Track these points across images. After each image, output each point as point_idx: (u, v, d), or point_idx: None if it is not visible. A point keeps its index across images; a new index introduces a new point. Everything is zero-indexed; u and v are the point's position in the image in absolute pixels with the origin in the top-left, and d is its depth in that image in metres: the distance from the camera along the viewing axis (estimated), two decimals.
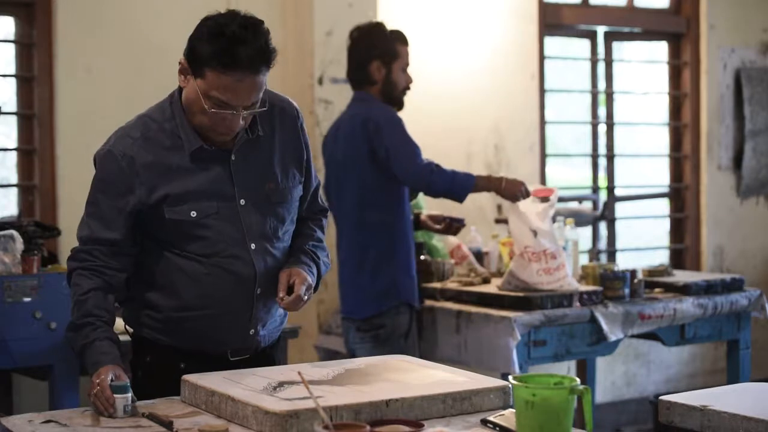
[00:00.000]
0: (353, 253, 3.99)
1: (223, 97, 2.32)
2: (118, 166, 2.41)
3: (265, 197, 2.49)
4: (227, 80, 2.30)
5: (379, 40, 4.02)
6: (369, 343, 3.96)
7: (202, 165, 2.43)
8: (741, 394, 2.40)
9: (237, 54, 2.29)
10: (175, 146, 2.42)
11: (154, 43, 4.71)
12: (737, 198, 6.40)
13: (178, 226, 2.42)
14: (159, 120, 2.45)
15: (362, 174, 3.92)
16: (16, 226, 3.96)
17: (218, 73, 2.30)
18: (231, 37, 2.29)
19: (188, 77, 2.39)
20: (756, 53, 6.42)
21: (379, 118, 3.91)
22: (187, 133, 2.42)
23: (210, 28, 2.34)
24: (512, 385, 1.91)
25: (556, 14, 5.87)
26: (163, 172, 2.41)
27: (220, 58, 2.29)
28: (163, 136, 2.43)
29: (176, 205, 2.40)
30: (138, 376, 2.51)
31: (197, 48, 2.34)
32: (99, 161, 2.47)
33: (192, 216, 2.41)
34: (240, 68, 2.30)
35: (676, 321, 4.24)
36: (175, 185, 2.40)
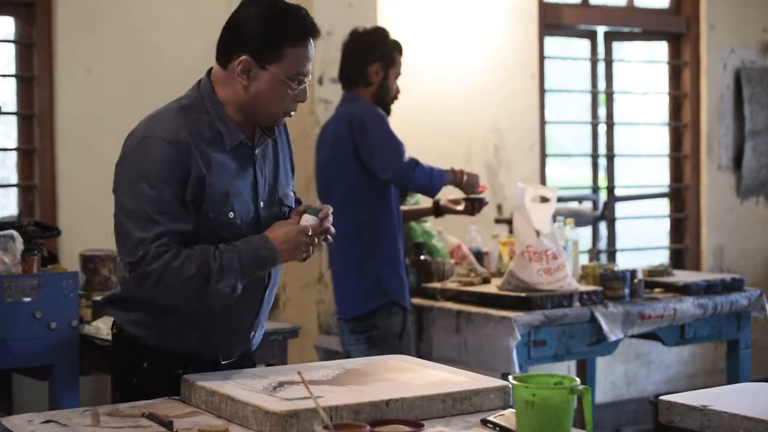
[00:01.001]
0: (342, 252, 4.02)
1: (303, 70, 2.37)
2: (175, 152, 2.29)
3: (278, 200, 2.50)
4: (303, 52, 2.36)
5: (382, 44, 4.07)
6: (363, 344, 3.97)
7: (237, 163, 2.40)
8: (741, 394, 2.40)
9: (303, 23, 2.36)
10: (215, 139, 2.37)
11: (154, 43, 4.71)
12: (737, 198, 6.40)
13: (214, 225, 2.35)
14: (197, 110, 2.38)
15: (348, 173, 3.95)
16: (16, 226, 3.96)
17: (297, 47, 2.34)
18: (290, 11, 2.35)
19: (253, 72, 2.35)
20: (756, 53, 6.42)
21: (364, 115, 3.94)
22: (228, 127, 2.38)
23: (268, 12, 2.35)
24: (512, 385, 1.91)
25: (556, 14, 5.88)
26: (212, 166, 2.34)
27: (296, 31, 2.34)
28: (203, 126, 2.37)
29: (219, 205, 2.35)
30: (133, 382, 2.45)
31: (264, 33, 2.33)
32: (146, 151, 2.30)
33: (230, 216, 2.37)
34: (309, 35, 2.37)
35: (676, 321, 4.24)
36: (221, 183, 2.35)
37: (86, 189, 4.56)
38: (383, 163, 3.92)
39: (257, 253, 2.33)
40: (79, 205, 4.54)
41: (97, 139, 4.58)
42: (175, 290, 2.29)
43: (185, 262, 2.27)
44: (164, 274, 2.27)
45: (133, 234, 2.28)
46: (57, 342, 3.74)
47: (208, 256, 2.29)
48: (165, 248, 2.27)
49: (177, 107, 2.39)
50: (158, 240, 2.27)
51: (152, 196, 2.27)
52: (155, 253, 2.26)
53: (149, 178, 2.28)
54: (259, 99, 2.37)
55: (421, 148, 4.94)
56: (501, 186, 5.59)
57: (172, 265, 2.26)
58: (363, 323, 3.98)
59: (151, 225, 2.27)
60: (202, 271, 2.28)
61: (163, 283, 2.27)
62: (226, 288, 2.31)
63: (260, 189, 2.44)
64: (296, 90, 2.38)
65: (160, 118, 2.36)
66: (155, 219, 2.27)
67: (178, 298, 2.33)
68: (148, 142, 2.31)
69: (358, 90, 4.06)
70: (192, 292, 2.30)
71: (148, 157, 2.30)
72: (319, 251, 4.60)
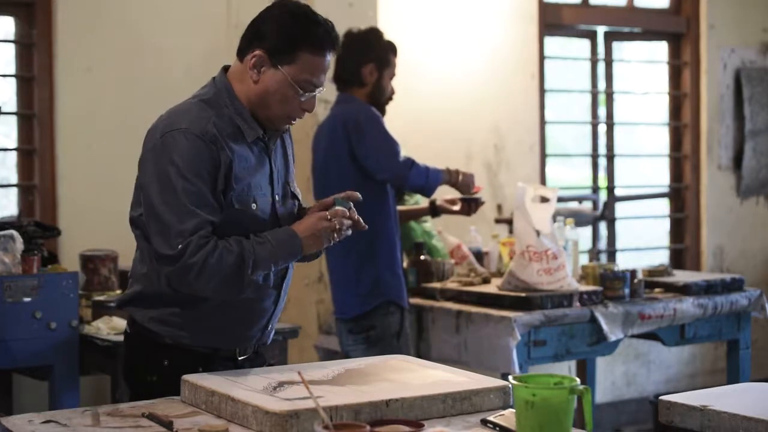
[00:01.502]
0: (339, 253, 4.02)
1: (313, 79, 2.39)
2: (205, 144, 2.32)
3: (291, 193, 2.55)
4: (317, 60, 2.38)
5: (376, 45, 4.07)
6: (362, 345, 3.98)
7: (257, 157, 2.44)
8: (741, 394, 2.40)
9: (324, 34, 2.38)
10: (235, 134, 2.40)
11: (154, 43, 4.71)
12: (737, 198, 6.40)
13: (238, 217, 2.38)
14: (216, 105, 2.41)
15: (344, 173, 3.95)
16: (16, 226, 3.96)
17: (312, 55, 2.37)
18: (313, 19, 2.38)
19: (264, 69, 2.39)
20: (756, 53, 6.42)
21: (360, 115, 3.95)
22: (247, 122, 2.42)
23: (293, 14, 2.38)
24: (512, 385, 1.91)
25: (556, 14, 5.88)
26: (237, 158, 2.38)
27: (314, 39, 2.36)
28: (224, 121, 2.40)
29: (242, 195, 2.38)
30: (152, 380, 2.46)
31: (283, 33, 2.36)
32: (177, 144, 2.31)
33: (253, 208, 2.40)
34: (328, 47, 2.39)
35: (676, 321, 4.24)
36: (242, 174, 2.38)
37: (86, 189, 4.56)
38: (379, 163, 3.93)
39: (286, 243, 2.38)
40: (79, 205, 4.54)
41: (97, 139, 4.58)
42: (215, 281, 2.32)
43: (223, 253, 2.31)
44: (206, 265, 2.29)
45: (172, 226, 2.30)
46: (57, 342, 3.74)
47: (244, 247, 2.33)
48: (205, 240, 2.30)
49: (198, 101, 2.42)
50: (197, 231, 2.29)
51: (186, 187, 2.30)
52: (197, 245, 2.28)
53: (181, 170, 2.30)
54: (265, 97, 2.40)
55: (421, 148, 4.94)
56: (501, 186, 5.59)
57: (214, 255, 2.30)
58: (360, 323, 3.99)
59: (189, 217, 2.29)
60: (240, 262, 2.32)
61: (205, 275, 2.30)
62: (260, 277, 2.39)
63: (275, 183, 2.49)
64: (303, 97, 2.40)
65: (183, 112, 2.38)
66: (192, 211, 2.29)
67: (217, 288, 2.35)
68: (174, 135, 2.32)
69: (352, 90, 4.07)
70: (231, 282, 2.34)
71: (177, 150, 2.31)
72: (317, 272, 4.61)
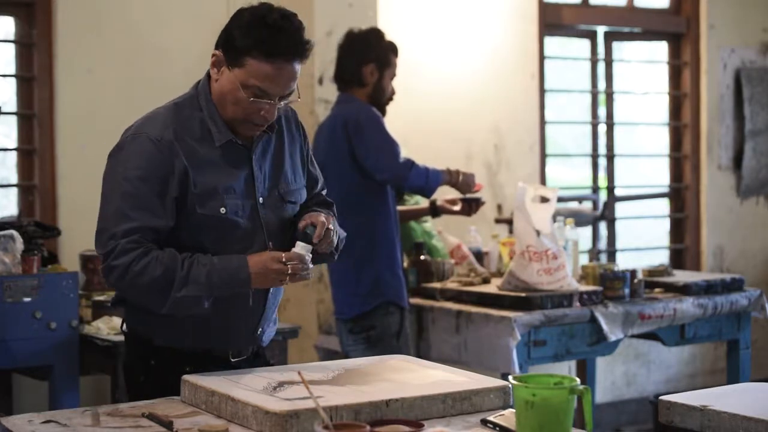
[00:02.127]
0: (339, 253, 4.01)
1: (262, 86, 2.33)
2: (158, 150, 2.33)
3: (279, 196, 2.50)
4: (268, 68, 2.32)
5: (377, 45, 4.07)
6: (361, 345, 3.98)
7: (228, 160, 2.42)
8: (741, 394, 2.40)
9: (279, 41, 2.31)
10: (204, 138, 2.40)
11: (154, 43, 4.71)
12: (737, 198, 6.40)
13: (204, 222, 2.38)
14: (188, 109, 2.42)
15: (344, 174, 3.95)
16: (16, 226, 3.96)
17: (259, 61, 2.32)
18: (273, 26, 2.31)
19: (222, 69, 2.38)
20: (756, 53, 6.42)
21: (360, 116, 3.94)
22: (217, 126, 2.41)
23: (250, 17, 2.34)
24: (512, 385, 1.91)
25: (556, 14, 5.88)
26: (195, 162, 2.37)
27: (263, 45, 2.31)
28: (194, 125, 2.41)
29: (207, 200, 2.37)
30: (140, 380, 2.48)
31: (237, 36, 2.34)
32: (131, 149, 2.35)
33: (221, 212, 2.38)
34: (282, 56, 2.32)
35: (676, 321, 4.24)
36: (208, 179, 2.37)
37: (86, 189, 4.55)
38: (379, 163, 3.92)
39: (231, 273, 2.33)
40: (79, 205, 4.54)
41: (97, 139, 4.56)
42: (138, 289, 2.32)
43: (152, 262, 2.30)
44: (128, 271, 2.30)
45: (107, 227, 2.34)
46: (57, 342, 3.74)
47: (176, 263, 2.31)
48: (134, 245, 2.30)
49: (171, 105, 2.44)
50: (128, 236, 2.31)
51: (127, 191, 2.33)
52: (122, 249, 2.30)
53: (127, 174, 2.33)
54: (221, 97, 2.40)
55: (421, 148, 4.94)
56: (501, 186, 5.59)
57: (139, 263, 2.29)
58: (360, 323, 3.99)
59: (123, 220, 2.32)
60: (168, 276, 2.29)
61: (127, 280, 2.31)
62: (189, 299, 2.31)
63: (258, 185, 2.45)
64: (258, 103, 2.35)
65: (152, 117, 2.42)
66: (128, 215, 2.32)
67: (141, 297, 2.36)
68: (134, 140, 2.36)
69: (353, 91, 4.06)
70: (154, 295, 2.32)
71: (129, 154, 2.35)
72: (317, 272, 4.61)
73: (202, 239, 2.39)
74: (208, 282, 2.31)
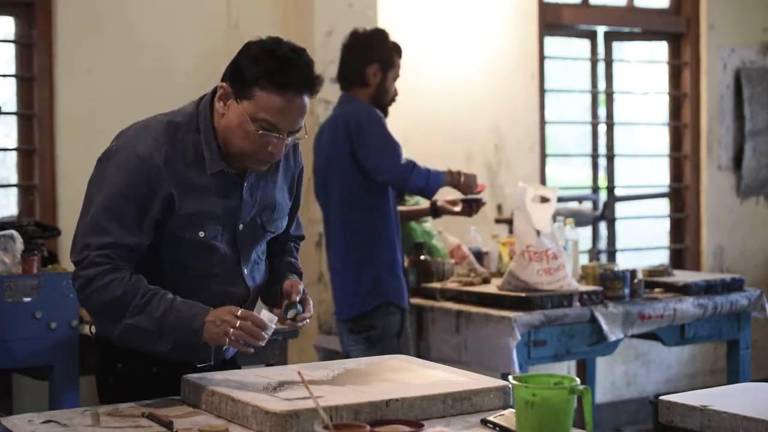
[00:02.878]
0: (339, 253, 4.03)
1: (272, 119, 2.28)
2: (145, 169, 2.30)
3: (261, 225, 2.48)
4: (278, 101, 2.26)
5: (381, 46, 4.07)
6: (362, 344, 3.98)
7: (218, 188, 2.38)
8: (741, 394, 2.40)
9: (290, 73, 2.26)
10: (197, 162, 2.35)
11: (154, 43, 4.71)
12: (737, 198, 6.40)
13: (183, 243, 2.36)
14: (184, 130, 2.36)
15: (345, 174, 3.95)
16: (16, 226, 3.96)
17: (269, 93, 2.26)
18: (283, 58, 2.26)
19: (230, 102, 2.32)
20: (756, 53, 6.42)
21: (361, 116, 3.94)
22: (212, 153, 2.36)
23: (259, 49, 2.29)
24: (512, 385, 1.91)
25: (556, 14, 5.88)
26: (182, 186, 2.33)
27: (273, 77, 2.25)
28: (187, 147, 2.35)
29: (187, 224, 2.34)
30: (109, 382, 2.48)
31: (246, 69, 2.28)
32: (118, 162, 2.32)
33: (200, 236, 2.36)
34: (292, 88, 2.26)
35: (676, 321, 4.24)
36: (190, 203, 2.34)
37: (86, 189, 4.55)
38: (380, 164, 3.92)
39: (187, 318, 2.27)
40: (79, 205, 4.46)
41: (97, 139, 4.52)
42: (95, 303, 2.29)
43: (115, 282, 2.27)
44: (90, 283, 2.27)
45: (82, 236, 2.32)
46: (57, 342, 3.74)
47: (138, 289, 2.27)
48: (104, 260, 2.28)
49: (166, 122, 2.37)
50: (101, 250, 2.28)
51: (107, 205, 2.30)
52: (92, 261, 2.28)
53: (111, 188, 2.30)
54: (228, 131, 2.34)
55: (421, 148, 4.95)
56: (501, 186, 5.59)
57: (103, 278, 2.27)
58: (361, 323, 3.99)
59: (98, 233, 2.29)
60: (125, 299, 2.26)
61: (87, 292, 2.28)
62: (140, 330, 2.27)
63: (244, 213, 2.43)
64: (266, 137, 2.29)
65: (146, 131, 2.36)
66: (103, 228, 2.29)
67: (97, 312, 2.33)
68: (123, 153, 2.32)
69: (355, 91, 4.06)
70: (108, 314, 2.29)
71: (116, 168, 2.31)
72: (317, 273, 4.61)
73: (180, 258, 2.37)
74: (161, 319, 2.26)
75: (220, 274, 2.42)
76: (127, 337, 2.30)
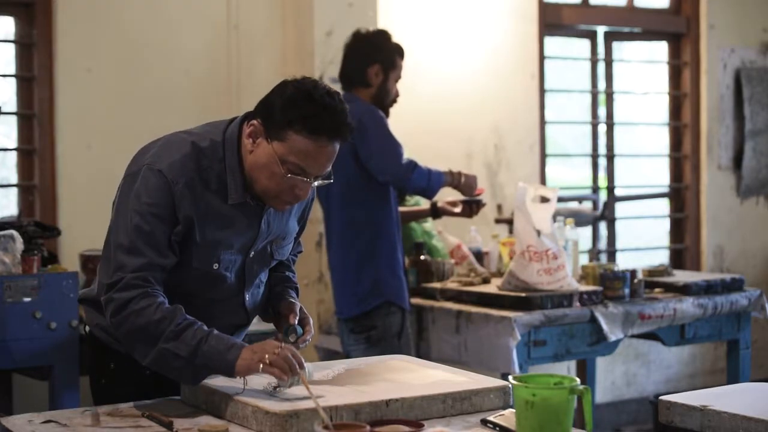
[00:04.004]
0: (340, 252, 4.03)
1: (302, 164, 2.25)
2: (171, 192, 2.27)
3: (270, 252, 2.47)
4: (310, 145, 2.24)
5: (383, 47, 4.07)
6: (363, 344, 3.98)
7: (238, 218, 2.36)
8: (741, 394, 2.40)
9: (324, 119, 2.23)
10: (219, 191, 2.32)
11: (154, 43, 4.71)
12: (737, 198, 6.40)
13: (191, 272, 2.34)
14: (209, 157, 2.32)
15: (347, 173, 3.95)
16: (16, 226, 3.96)
17: (303, 137, 2.23)
18: (320, 102, 2.24)
19: (259, 140, 2.28)
20: (756, 53, 6.42)
21: (363, 116, 3.94)
22: (236, 184, 2.32)
23: (296, 90, 2.26)
24: (512, 385, 1.91)
25: (556, 14, 5.88)
26: (205, 216, 2.31)
27: (308, 122, 2.22)
28: (211, 175, 2.32)
29: (204, 255, 2.33)
30: (102, 383, 2.48)
31: (280, 110, 2.25)
32: (147, 182, 2.28)
33: (214, 268, 2.35)
34: (326, 134, 2.24)
35: (676, 321, 4.24)
36: (208, 231, 2.32)
37: (86, 189, 4.56)
38: (381, 164, 3.93)
39: (223, 349, 2.21)
40: (79, 205, 4.54)
41: (97, 139, 4.58)
42: (130, 327, 2.23)
43: (152, 306, 2.22)
44: (128, 306, 2.23)
45: (117, 258, 2.27)
46: (57, 342, 3.74)
47: (175, 316, 2.23)
48: (140, 282, 2.24)
49: (191, 145, 2.33)
50: (137, 272, 2.24)
51: (141, 226, 2.26)
52: (127, 283, 2.24)
53: (141, 208, 2.26)
54: (255, 168, 2.30)
55: (421, 148, 4.94)
56: (501, 186, 5.59)
57: (140, 302, 2.23)
58: (361, 323, 3.99)
59: (134, 254, 2.25)
60: (161, 325, 2.21)
61: (123, 315, 2.23)
62: (172, 356, 2.22)
63: (258, 242, 2.42)
64: (293, 180, 2.27)
65: (172, 151, 2.32)
66: (138, 249, 2.25)
67: (131, 336, 2.26)
68: (151, 172, 2.28)
69: (357, 91, 4.06)
70: (143, 338, 2.24)
71: (145, 186, 2.28)
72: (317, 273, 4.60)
73: (188, 285, 2.35)
74: (196, 346, 2.20)
75: (223, 300, 2.42)
76: (159, 363, 2.25)
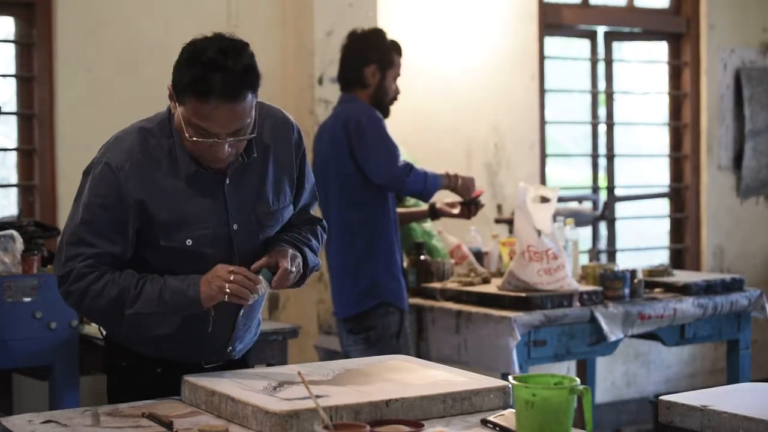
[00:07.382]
0: (338, 253, 4.03)
1: (203, 125, 2.24)
2: (116, 179, 2.30)
3: (257, 221, 2.43)
4: (204, 108, 2.22)
5: (379, 46, 4.06)
6: (361, 345, 3.98)
7: (197, 189, 2.35)
8: (741, 394, 2.40)
9: (210, 82, 2.20)
10: (171, 167, 2.34)
11: (154, 42, 4.71)
12: (737, 198, 6.40)
13: (170, 252, 2.35)
14: (158, 136, 2.35)
15: (344, 173, 3.95)
16: (16, 226, 3.96)
17: (195, 100, 2.22)
18: (206, 64, 2.21)
19: (174, 103, 2.30)
20: (756, 53, 6.42)
21: (361, 117, 3.93)
22: (183, 156, 2.33)
23: (188, 55, 2.26)
24: (512, 385, 1.91)
25: (556, 14, 5.88)
26: (158, 194, 2.32)
27: (195, 86, 2.21)
28: (160, 154, 2.34)
29: (172, 232, 2.33)
30: (114, 380, 2.50)
31: (177, 75, 2.26)
32: (94, 174, 2.34)
33: (188, 244, 2.34)
34: (214, 96, 2.20)
35: (676, 321, 4.24)
36: (170, 211, 2.33)
37: None
38: (377, 167, 3.91)
39: (182, 290, 2.29)
40: None
41: (98, 139, 4.52)
42: (96, 311, 2.35)
43: (108, 284, 2.30)
44: (86, 294, 2.32)
45: (65, 251, 2.35)
46: (57, 342, 3.74)
47: (130, 282, 2.30)
48: (90, 269, 2.31)
49: (138, 129, 2.37)
50: (85, 260, 2.31)
51: (87, 218, 2.32)
52: (78, 273, 2.32)
53: (88, 200, 2.33)
54: (178, 130, 2.31)
55: (421, 148, 4.95)
56: (501, 186, 5.59)
57: (94, 287, 2.30)
58: (360, 324, 3.98)
59: (81, 246, 2.32)
60: (122, 295, 2.29)
61: (86, 303, 2.33)
62: (142, 316, 2.29)
63: (231, 212, 2.39)
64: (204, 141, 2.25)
65: (120, 142, 2.37)
66: (85, 240, 2.32)
67: (100, 319, 2.39)
68: (98, 165, 2.35)
69: (355, 91, 4.06)
70: (110, 316, 2.33)
71: (93, 179, 2.34)
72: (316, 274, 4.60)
73: (172, 267, 2.36)
74: (159, 299, 2.29)
75: None
76: (134, 331, 2.34)
